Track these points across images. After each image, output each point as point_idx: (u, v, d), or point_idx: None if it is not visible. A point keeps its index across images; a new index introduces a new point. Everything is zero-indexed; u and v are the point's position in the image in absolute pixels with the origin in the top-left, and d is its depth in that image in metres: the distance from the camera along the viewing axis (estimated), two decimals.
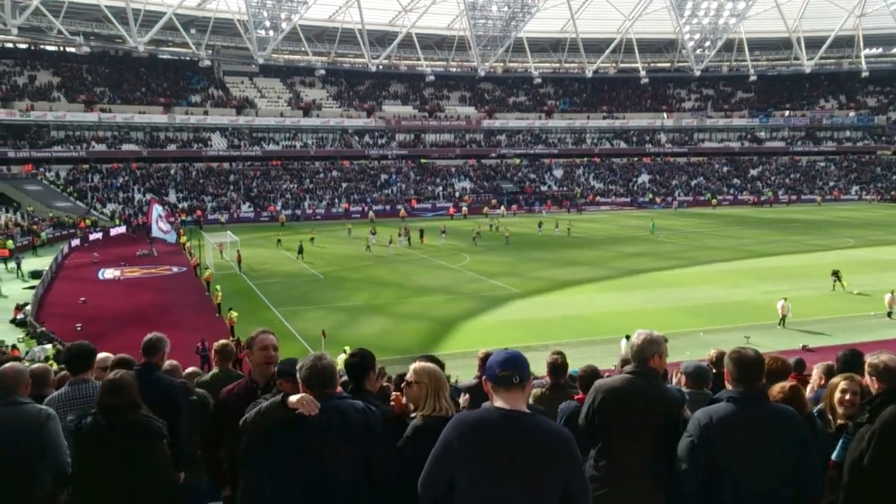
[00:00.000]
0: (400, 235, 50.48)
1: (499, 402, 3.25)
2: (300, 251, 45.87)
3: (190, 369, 7.88)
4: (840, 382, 4.60)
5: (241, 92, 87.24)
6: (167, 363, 6.63)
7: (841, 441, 4.18)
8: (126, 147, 75.66)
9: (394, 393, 4.42)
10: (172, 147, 77.61)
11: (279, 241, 51.72)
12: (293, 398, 3.65)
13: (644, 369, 4.28)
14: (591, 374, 5.67)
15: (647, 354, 4.31)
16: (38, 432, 4.38)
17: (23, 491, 4.34)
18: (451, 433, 3.24)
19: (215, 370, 6.90)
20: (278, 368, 4.20)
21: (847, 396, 4.48)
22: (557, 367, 6.58)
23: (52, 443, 4.37)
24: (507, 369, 3.24)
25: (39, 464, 4.37)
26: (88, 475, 4.24)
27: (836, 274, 34.19)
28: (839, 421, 4.48)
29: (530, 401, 6.25)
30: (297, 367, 3.83)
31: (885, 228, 58.08)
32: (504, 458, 3.15)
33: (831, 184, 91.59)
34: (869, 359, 4.22)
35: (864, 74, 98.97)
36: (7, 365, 4.84)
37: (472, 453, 3.17)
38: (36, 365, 5.71)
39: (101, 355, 6.13)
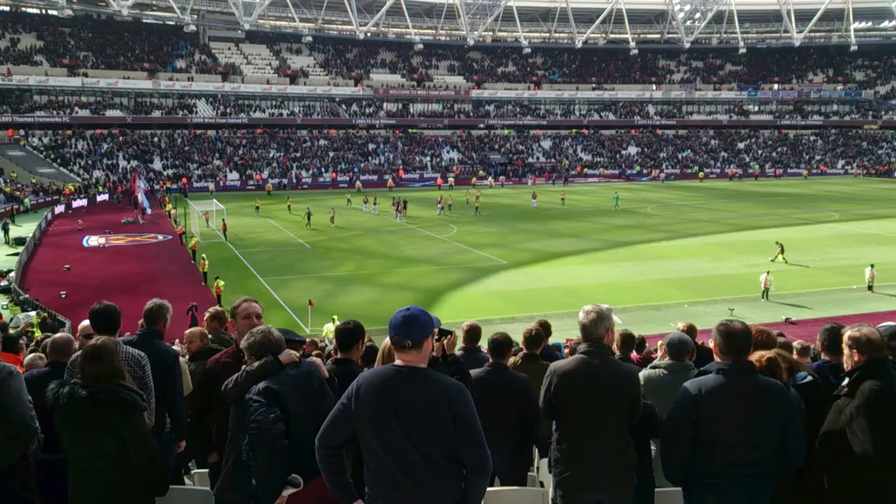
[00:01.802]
0: (398, 211, 50.26)
1: (398, 361, 3.40)
2: (308, 218, 46.12)
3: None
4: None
5: (227, 58, 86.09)
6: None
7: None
8: (110, 113, 74.62)
9: None
10: (157, 113, 76.64)
11: (257, 208, 52.10)
12: (283, 355, 3.99)
13: (598, 348, 4.21)
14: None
15: (601, 332, 4.24)
16: None
17: None
18: (351, 389, 3.41)
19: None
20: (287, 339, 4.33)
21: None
22: (531, 337, 6.67)
23: (11, 400, 4.34)
24: (399, 333, 3.37)
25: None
26: (68, 446, 4.19)
27: (779, 246, 34.78)
28: None
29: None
30: (246, 338, 4.08)
31: (869, 203, 58.49)
32: (393, 411, 3.29)
33: (817, 157, 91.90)
34: (849, 331, 4.25)
35: (853, 48, 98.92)
36: None
37: (366, 407, 3.33)
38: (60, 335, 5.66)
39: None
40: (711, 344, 4.13)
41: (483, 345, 6.81)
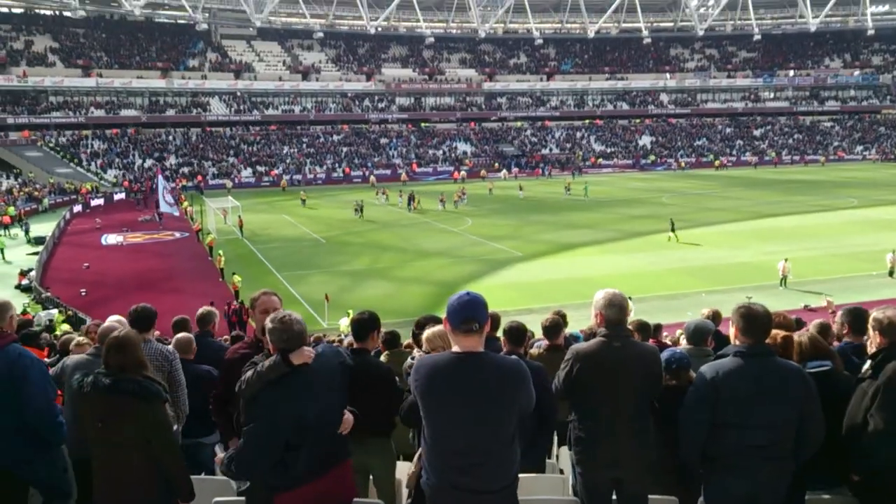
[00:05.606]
0: (410, 203, 50.49)
1: (456, 347, 3.43)
2: (360, 210, 47.17)
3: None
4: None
5: (239, 56, 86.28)
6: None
7: None
8: (125, 112, 75.11)
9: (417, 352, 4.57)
10: (171, 112, 77.02)
11: (303, 201, 54.35)
12: (296, 355, 3.71)
13: (619, 331, 4.19)
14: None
15: (623, 317, 4.24)
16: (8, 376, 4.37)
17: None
18: (412, 376, 3.49)
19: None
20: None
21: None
22: (549, 328, 6.70)
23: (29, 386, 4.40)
24: (468, 318, 3.37)
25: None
26: (91, 435, 4.22)
27: (671, 223, 37.49)
28: None
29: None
30: (270, 320, 3.81)
31: (889, 188, 57.82)
32: (457, 394, 3.34)
33: (835, 144, 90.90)
34: (874, 313, 4.22)
35: (870, 32, 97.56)
36: None
37: (429, 392, 3.40)
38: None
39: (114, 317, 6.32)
40: (731, 329, 4.09)
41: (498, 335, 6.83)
